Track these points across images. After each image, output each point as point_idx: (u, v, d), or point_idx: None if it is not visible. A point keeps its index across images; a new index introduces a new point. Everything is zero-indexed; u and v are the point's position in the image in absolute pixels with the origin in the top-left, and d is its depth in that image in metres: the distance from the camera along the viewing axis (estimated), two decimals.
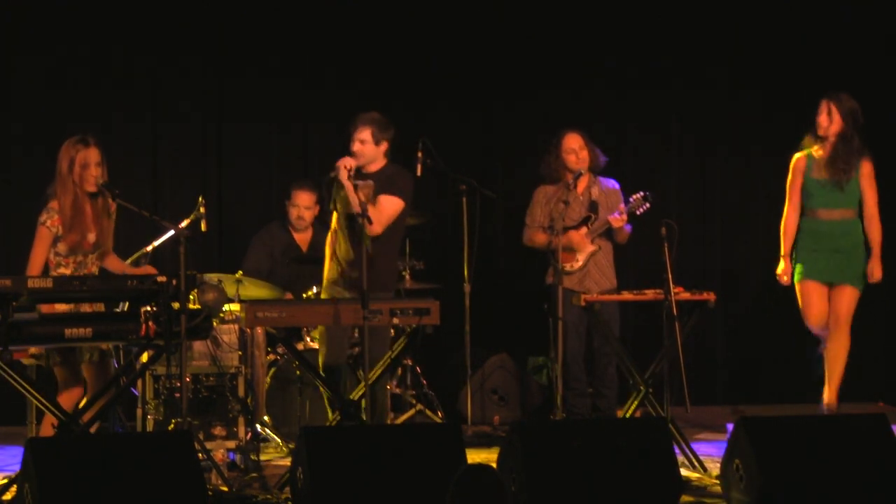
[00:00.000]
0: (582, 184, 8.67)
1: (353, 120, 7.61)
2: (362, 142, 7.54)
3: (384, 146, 7.58)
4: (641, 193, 8.52)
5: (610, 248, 8.74)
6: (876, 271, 8.21)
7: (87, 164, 7.03)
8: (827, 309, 8.23)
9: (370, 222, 7.12)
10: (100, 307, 7.09)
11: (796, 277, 8.29)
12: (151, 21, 9.73)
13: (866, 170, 8.20)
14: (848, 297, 8.20)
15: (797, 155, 8.34)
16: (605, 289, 8.53)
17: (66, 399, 6.89)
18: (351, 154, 7.53)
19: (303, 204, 9.05)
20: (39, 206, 7.08)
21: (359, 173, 7.44)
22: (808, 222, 8.27)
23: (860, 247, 8.23)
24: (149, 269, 7.31)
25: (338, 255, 7.63)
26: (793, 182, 8.33)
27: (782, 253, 8.37)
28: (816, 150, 8.26)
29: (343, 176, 7.36)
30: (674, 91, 10.39)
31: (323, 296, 7.77)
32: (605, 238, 8.68)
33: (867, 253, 8.23)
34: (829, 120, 8.18)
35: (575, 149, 8.67)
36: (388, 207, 7.46)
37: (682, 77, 10.37)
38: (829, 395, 8.25)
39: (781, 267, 8.37)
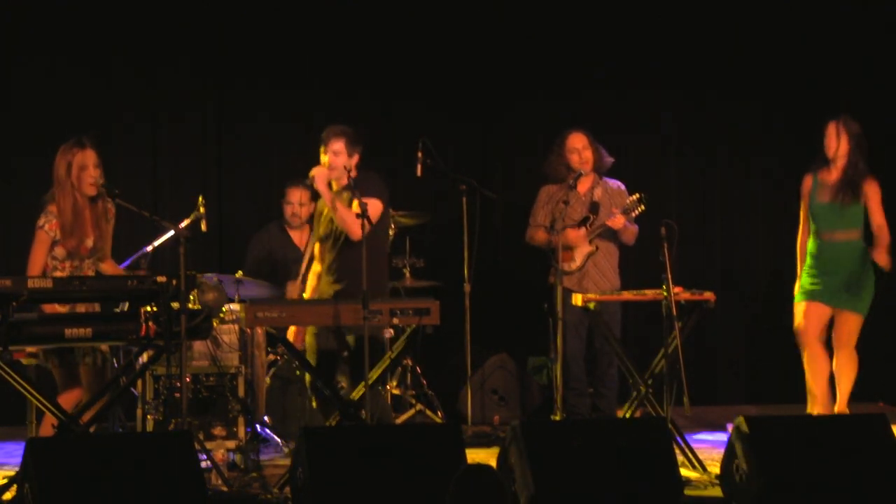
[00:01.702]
0: (585, 184, 8.65)
1: (325, 132, 7.56)
2: (336, 153, 7.50)
3: (356, 158, 7.54)
4: (637, 196, 8.52)
5: (613, 249, 8.71)
6: (884, 259, 8.18)
7: (84, 165, 7.00)
8: (824, 329, 8.22)
9: (371, 223, 7.12)
10: (96, 307, 7.08)
11: (796, 297, 8.28)
12: (151, 21, 9.73)
13: (872, 191, 8.17)
14: (851, 323, 8.17)
15: (806, 177, 8.32)
16: (605, 290, 8.51)
17: (65, 400, 6.87)
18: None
19: (296, 201, 9.05)
20: (37, 211, 7.05)
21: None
22: (814, 244, 8.25)
23: (866, 269, 8.21)
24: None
25: (322, 265, 7.63)
26: (803, 204, 8.33)
27: (798, 273, 8.35)
28: (823, 173, 8.24)
29: (319, 185, 7.38)
30: (674, 92, 10.39)
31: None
32: (607, 239, 8.66)
33: (873, 275, 8.21)
34: (837, 142, 8.15)
35: (578, 148, 8.65)
36: (370, 209, 7.36)
37: (681, 78, 10.36)
38: (837, 407, 8.24)
39: (798, 287, 8.37)
